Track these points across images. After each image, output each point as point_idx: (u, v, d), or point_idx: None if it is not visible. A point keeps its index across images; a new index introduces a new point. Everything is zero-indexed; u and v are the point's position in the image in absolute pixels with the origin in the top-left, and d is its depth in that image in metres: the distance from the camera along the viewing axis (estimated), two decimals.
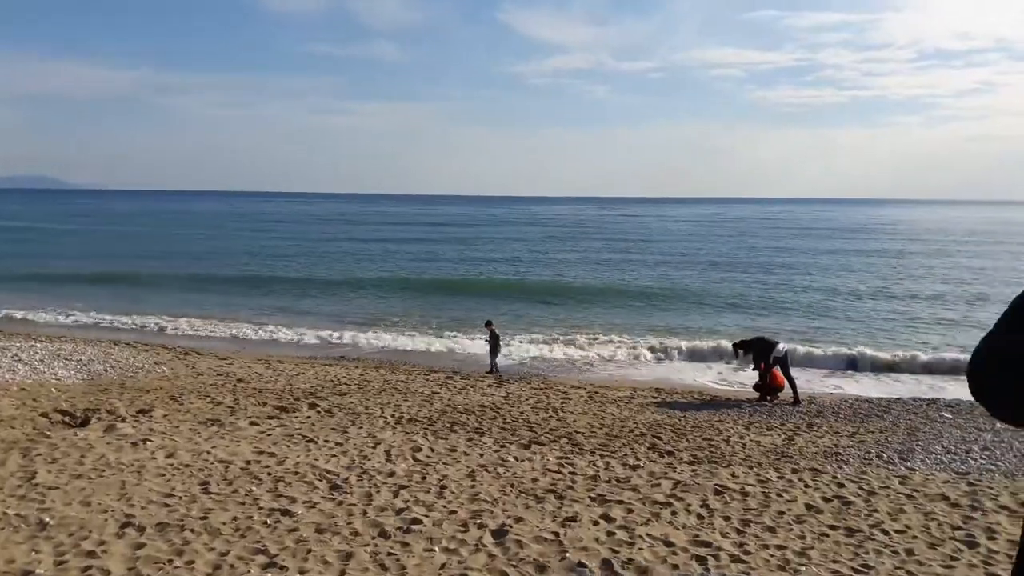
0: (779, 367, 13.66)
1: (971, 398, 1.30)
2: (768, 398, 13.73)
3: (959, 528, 7.20)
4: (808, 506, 7.75)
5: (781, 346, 13.74)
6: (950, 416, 12.52)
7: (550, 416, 12.10)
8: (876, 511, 7.65)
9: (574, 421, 11.75)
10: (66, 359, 16.06)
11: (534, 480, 8.42)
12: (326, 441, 9.94)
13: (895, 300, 29.56)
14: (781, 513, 7.52)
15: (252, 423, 10.84)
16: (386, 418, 11.55)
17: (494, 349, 16.84)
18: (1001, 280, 35.76)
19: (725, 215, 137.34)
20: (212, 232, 72.52)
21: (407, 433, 10.59)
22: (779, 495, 8.10)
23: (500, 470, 8.82)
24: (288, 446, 9.63)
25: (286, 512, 7.15)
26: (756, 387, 13.96)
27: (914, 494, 8.27)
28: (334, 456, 9.22)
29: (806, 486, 8.50)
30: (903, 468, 9.47)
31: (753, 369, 14.13)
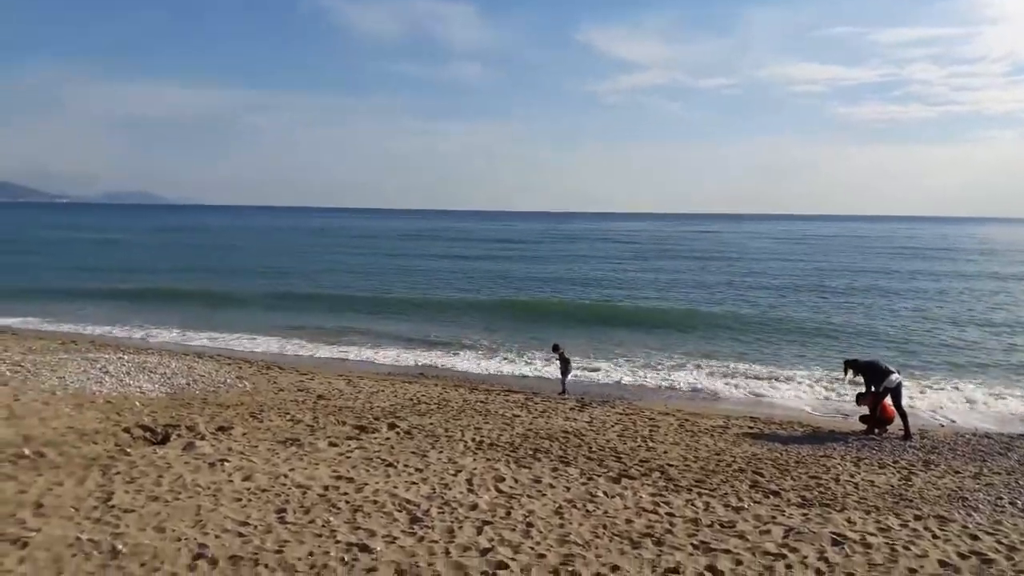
0: (890, 398, 12.57)
1: None
2: (876, 431, 12.66)
3: None
4: (942, 563, 6.86)
5: (894, 376, 12.60)
6: None
7: (639, 446, 11.36)
8: (1023, 572, 6.70)
9: (665, 452, 10.99)
10: (151, 371, 16.23)
11: (628, 521, 7.75)
12: (406, 466, 9.52)
13: (998, 328, 27.22)
14: (912, 571, 6.65)
15: (331, 444, 10.53)
16: (466, 442, 11.07)
17: (564, 371, 16.77)
18: None
19: (810, 232, 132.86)
20: (296, 247, 74.48)
21: (488, 460, 10.08)
22: (906, 548, 7.22)
23: (590, 507, 8.20)
24: (367, 470, 9.25)
25: (364, 548, 6.70)
26: (863, 419, 12.90)
27: None
28: (414, 484, 8.78)
29: (935, 537, 7.59)
30: None
31: (859, 396, 13.06)
